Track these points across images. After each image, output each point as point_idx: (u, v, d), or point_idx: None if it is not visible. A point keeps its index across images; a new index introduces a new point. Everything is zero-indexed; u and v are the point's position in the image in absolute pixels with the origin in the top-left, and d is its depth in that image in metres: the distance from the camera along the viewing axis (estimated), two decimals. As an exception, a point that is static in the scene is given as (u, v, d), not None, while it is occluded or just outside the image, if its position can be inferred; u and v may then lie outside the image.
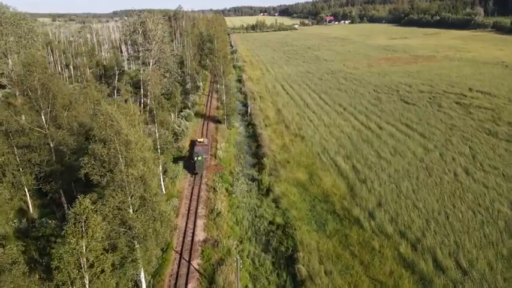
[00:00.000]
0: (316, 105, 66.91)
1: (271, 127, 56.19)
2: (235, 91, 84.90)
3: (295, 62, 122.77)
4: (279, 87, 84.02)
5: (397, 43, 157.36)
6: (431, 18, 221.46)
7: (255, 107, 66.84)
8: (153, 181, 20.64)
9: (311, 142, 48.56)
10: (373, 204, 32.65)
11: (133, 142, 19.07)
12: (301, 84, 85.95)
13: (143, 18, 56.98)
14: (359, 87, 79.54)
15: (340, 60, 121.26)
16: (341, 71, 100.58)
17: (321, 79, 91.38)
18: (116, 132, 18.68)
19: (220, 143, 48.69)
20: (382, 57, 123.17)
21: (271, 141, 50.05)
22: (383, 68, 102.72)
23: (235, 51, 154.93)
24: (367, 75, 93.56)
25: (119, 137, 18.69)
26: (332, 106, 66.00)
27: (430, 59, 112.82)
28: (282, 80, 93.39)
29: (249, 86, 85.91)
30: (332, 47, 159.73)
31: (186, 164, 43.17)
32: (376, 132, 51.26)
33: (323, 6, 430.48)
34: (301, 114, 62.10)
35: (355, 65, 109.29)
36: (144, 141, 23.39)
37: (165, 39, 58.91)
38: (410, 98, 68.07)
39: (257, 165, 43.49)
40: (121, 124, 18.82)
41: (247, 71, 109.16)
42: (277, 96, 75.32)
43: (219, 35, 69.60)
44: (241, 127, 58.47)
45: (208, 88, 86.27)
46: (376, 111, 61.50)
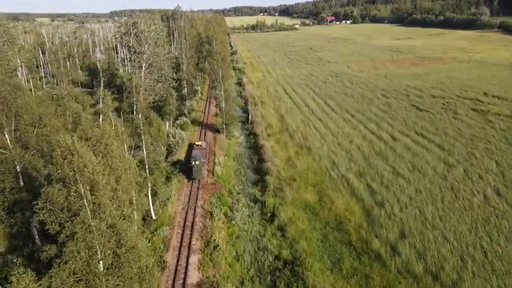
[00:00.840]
0: (321, 112, 62.36)
1: (274, 137, 51.65)
2: (235, 95, 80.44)
3: (297, 63, 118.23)
4: (281, 91, 79.49)
5: (402, 44, 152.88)
6: (435, 18, 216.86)
7: (257, 114, 62.31)
8: (131, 228, 16.10)
9: (319, 155, 44.01)
10: (395, 235, 28.12)
11: (102, 184, 14.52)
12: (304, 88, 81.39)
13: (135, 19, 52.43)
14: (366, 92, 75.00)
15: (343, 61, 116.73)
16: (346, 74, 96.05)
17: (325, 82, 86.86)
18: (78, 170, 14.17)
19: (218, 157, 44.15)
20: (387, 58, 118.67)
21: (274, 153, 45.52)
22: (389, 70, 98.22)
23: (235, 52, 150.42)
24: (373, 78, 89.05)
25: (82, 176, 14.18)
26: (339, 113, 61.46)
27: (437, 61, 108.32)
28: (284, 83, 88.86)
29: (249, 90, 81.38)
30: (334, 47, 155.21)
31: (183, 169, 41.12)
32: (390, 143, 46.72)
33: (324, 6, 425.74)
34: (306, 121, 57.56)
35: (360, 67, 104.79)
36: (122, 172, 18.91)
37: (160, 41, 54.35)
38: (422, 104, 63.53)
39: (260, 183, 38.93)
40: (85, 160, 14.28)
41: (248, 73, 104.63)
42: (280, 101, 70.79)
43: (218, 36, 64.99)
44: (242, 136, 53.93)
45: (207, 92, 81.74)
46: (387, 118, 56.97)
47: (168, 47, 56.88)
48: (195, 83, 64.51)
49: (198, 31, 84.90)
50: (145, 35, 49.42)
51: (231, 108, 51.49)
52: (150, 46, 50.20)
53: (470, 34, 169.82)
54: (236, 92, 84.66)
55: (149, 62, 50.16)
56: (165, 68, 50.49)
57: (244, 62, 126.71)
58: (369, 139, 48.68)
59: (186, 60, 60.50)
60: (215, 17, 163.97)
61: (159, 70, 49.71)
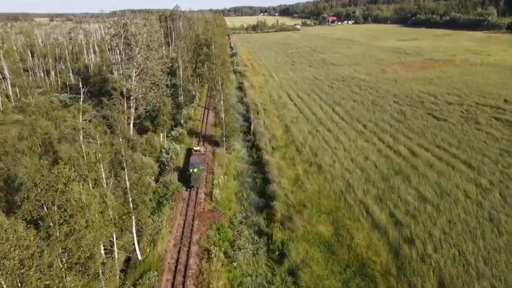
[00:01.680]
0: (330, 121, 57.24)
1: (280, 151, 46.53)
2: (236, 101, 75.41)
3: (301, 66, 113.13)
4: (285, 97, 74.37)
5: (408, 45, 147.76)
6: (440, 19, 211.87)
7: (259, 123, 57.21)
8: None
9: (331, 174, 38.90)
10: (432, 284, 23.03)
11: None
12: (310, 94, 76.29)
13: (125, 20, 47.38)
14: (376, 98, 69.88)
15: (349, 64, 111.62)
16: (352, 78, 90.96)
17: (331, 87, 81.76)
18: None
19: (217, 176, 39.05)
20: (394, 61, 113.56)
21: (280, 171, 40.40)
22: (398, 73, 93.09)
23: (235, 53, 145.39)
24: (382, 82, 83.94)
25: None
26: (349, 122, 56.33)
27: (448, 64, 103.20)
28: (288, 87, 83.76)
29: (251, 96, 76.26)
30: (338, 49, 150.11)
31: (181, 176, 38.89)
32: (410, 160, 41.60)
33: (325, 6, 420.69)
34: (313, 133, 52.45)
35: (367, 70, 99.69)
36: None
37: (153, 43, 49.29)
38: (439, 112, 58.42)
39: (265, 210, 33.81)
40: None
41: (249, 76, 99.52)
42: (284, 109, 65.66)
43: (218, 38, 60.00)
44: (244, 150, 48.79)
45: (206, 98, 76.64)
46: (403, 129, 51.85)
47: (162, 51, 51.72)
48: (192, 90, 59.44)
49: (197, 33, 79.83)
50: (137, 38, 44.34)
51: (231, 119, 46.36)
52: (141, 50, 45.15)
53: (478, 35, 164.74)
54: (237, 97, 79.61)
55: (140, 67, 45.12)
56: (158, 74, 45.40)
57: (245, 64, 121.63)
58: (385, 154, 43.56)
59: (183, 65, 55.35)
60: (214, 17, 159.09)
61: (152, 76, 44.63)
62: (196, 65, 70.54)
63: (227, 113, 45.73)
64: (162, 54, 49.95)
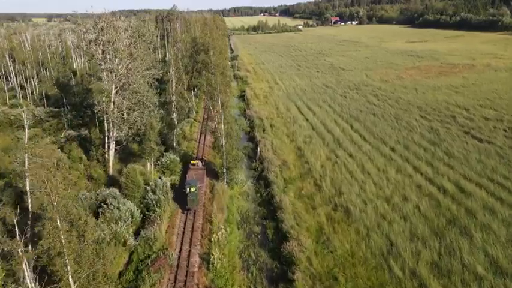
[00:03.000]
0: (350, 142, 48.24)
1: (294, 185, 37.54)
2: (238, 113, 66.47)
3: (307, 71, 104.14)
4: (294, 110, 65.34)
5: (420, 48, 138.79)
6: (450, 19, 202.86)
7: (266, 144, 48.22)
8: None
9: (364, 224, 29.92)
10: None
11: None
12: (321, 105, 67.27)
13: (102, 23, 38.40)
14: (399, 111, 60.93)
15: (360, 69, 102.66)
16: (367, 85, 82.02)
17: (344, 96, 72.77)
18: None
19: (216, 226, 30.08)
20: (409, 65, 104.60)
21: (297, 218, 31.45)
22: (417, 80, 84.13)
23: (235, 56, 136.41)
24: (401, 91, 74.99)
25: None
26: (373, 144, 47.34)
27: (469, 69, 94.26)
28: (295, 97, 74.78)
29: (255, 107, 67.23)
30: (345, 52, 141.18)
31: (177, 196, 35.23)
32: (461, 201, 32.62)
33: (327, 6, 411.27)
34: (332, 158, 43.47)
35: (381, 76, 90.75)
36: None
37: (138, 51, 40.28)
38: (478, 131, 49.47)
39: (281, 283, 24.81)
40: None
41: (252, 83, 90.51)
42: (294, 125, 56.65)
43: (217, 43, 51.18)
44: (249, 182, 39.78)
45: (203, 110, 67.52)
46: (440, 154, 42.85)
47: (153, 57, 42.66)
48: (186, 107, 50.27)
49: (194, 35, 70.84)
50: (115, 46, 35.25)
51: (233, 146, 37.33)
52: (123, 61, 36.06)
53: (494, 37, 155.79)
54: (239, 109, 70.60)
55: (121, 82, 36.03)
56: (144, 90, 36.35)
57: (247, 69, 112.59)
58: (427, 192, 34.58)
59: (176, 76, 46.26)
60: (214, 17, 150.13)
61: (135, 94, 35.58)
62: (192, 74, 61.54)
63: (229, 138, 36.70)
64: (149, 65, 40.91)
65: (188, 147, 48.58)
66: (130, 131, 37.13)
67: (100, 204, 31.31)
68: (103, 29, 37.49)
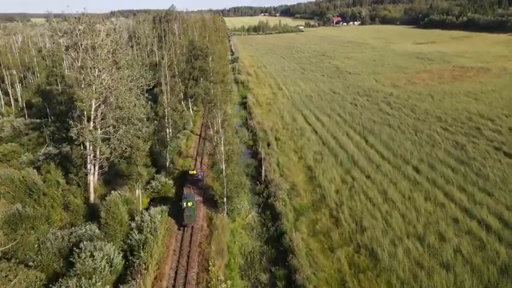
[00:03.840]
0: (367, 161, 42.57)
1: (307, 217, 31.92)
2: (239, 124, 60.90)
3: (312, 75, 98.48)
4: (300, 120, 59.67)
5: (428, 49, 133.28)
6: (456, 20, 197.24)
7: (272, 162, 42.62)
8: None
9: (396, 276, 24.26)
10: None
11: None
12: (330, 114, 61.62)
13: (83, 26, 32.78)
14: (416, 122, 55.31)
15: (367, 73, 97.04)
16: (377, 91, 76.41)
17: (354, 104, 67.13)
18: None
19: (214, 272, 24.46)
20: (419, 69, 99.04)
21: (313, 264, 25.87)
22: (431, 86, 78.54)
23: (236, 59, 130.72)
24: (415, 98, 69.37)
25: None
26: (393, 162, 41.70)
27: (484, 73, 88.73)
28: (301, 104, 69.11)
29: (257, 117, 61.59)
30: (350, 53, 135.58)
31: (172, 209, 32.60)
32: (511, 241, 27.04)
33: (328, 6, 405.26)
34: (348, 181, 37.84)
35: (391, 81, 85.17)
36: None
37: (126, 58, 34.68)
38: (510, 147, 43.85)
39: None
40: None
41: (254, 88, 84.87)
42: (302, 138, 50.99)
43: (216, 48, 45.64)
44: (253, 211, 34.14)
45: (201, 119, 61.82)
46: (473, 176, 37.20)
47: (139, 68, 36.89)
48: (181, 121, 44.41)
49: (191, 38, 65.18)
50: (96, 54, 29.58)
51: (236, 172, 31.69)
52: (104, 71, 30.38)
53: (504, 38, 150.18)
54: (240, 118, 64.89)
55: (102, 96, 30.38)
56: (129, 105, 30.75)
57: (248, 72, 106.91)
58: (466, 228, 28.94)
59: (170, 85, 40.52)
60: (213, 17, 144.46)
61: (118, 109, 29.95)
62: (189, 81, 55.85)
63: (230, 163, 31.04)
64: (138, 74, 35.29)
65: (184, 166, 42.91)
66: (114, 153, 31.53)
67: (73, 246, 25.69)
68: (83, 33, 31.88)
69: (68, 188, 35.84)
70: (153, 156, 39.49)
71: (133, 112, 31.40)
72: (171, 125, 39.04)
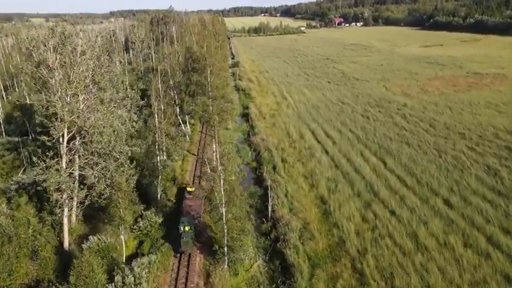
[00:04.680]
0: (388, 190, 37.03)
1: (325, 271, 26.36)
2: (241, 140, 55.45)
3: (318, 81, 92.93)
4: (308, 136, 54.12)
5: (436, 53, 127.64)
6: (463, 21, 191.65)
7: (279, 192, 37.15)
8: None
9: None
10: None
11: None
12: (341, 129, 56.08)
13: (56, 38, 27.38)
14: (438, 139, 49.78)
15: (376, 79, 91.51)
16: (389, 101, 70.88)
17: (366, 117, 61.58)
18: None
19: None
20: (430, 75, 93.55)
21: None
22: (446, 95, 73.03)
23: (237, 63, 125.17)
24: (432, 109, 63.86)
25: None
26: (419, 193, 36.18)
27: (501, 80, 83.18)
28: (308, 117, 63.54)
29: (261, 131, 56.13)
30: (355, 57, 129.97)
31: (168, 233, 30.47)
32: None
33: (329, 7, 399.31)
34: (370, 219, 32.32)
35: (403, 89, 79.69)
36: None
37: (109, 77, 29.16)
38: (552, 173, 38.39)
39: None
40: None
41: (256, 97, 79.41)
42: (312, 160, 45.42)
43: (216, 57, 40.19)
44: (259, 259, 28.60)
45: (199, 136, 56.24)
46: (516, 213, 31.76)
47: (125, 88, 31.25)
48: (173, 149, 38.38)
49: (189, 45, 59.62)
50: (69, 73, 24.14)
51: (238, 216, 26.12)
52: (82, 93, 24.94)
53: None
54: (242, 132, 59.34)
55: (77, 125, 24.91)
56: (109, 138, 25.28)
57: (249, 78, 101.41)
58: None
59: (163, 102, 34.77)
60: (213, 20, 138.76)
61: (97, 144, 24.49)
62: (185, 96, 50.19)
63: (231, 206, 25.50)
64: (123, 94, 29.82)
65: (178, 196, 37.39)
66: (91, 194, 26.06)
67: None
68: (53, 48, 26.42)
69: (39, 230, 30.34)
70: (142, 189, 33.97)
71: (116, 145, 25.88)
72: (163, 152, 33.48)
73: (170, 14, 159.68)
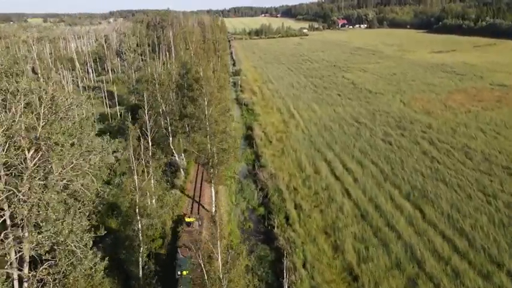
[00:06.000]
0: (436, 260, 28.85)
1: None
2: (245, 170, 47.49)
3: (327, 94, 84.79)
4: (324, 169, 45.79)
5: (450, 60, 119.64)
6: (474, 25, 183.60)
7: (296, 260, 29.10)
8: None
9: None
10: None
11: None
12: (361, 161, 47.80)
13: None
14: (480, 176, 41.68)
15: (391, 92, 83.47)
16: (410, 120, 62.80)
17: (388, 142, 53.47)
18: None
19: None
20: (450, 86, 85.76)
21: None
22: (474, 112, 65.07)
23: (238, 71, 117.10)
24: (462, 132, 55.81)
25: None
26: (476, 264, 28.09)
27: (531, 94, 75.19)
28: (321, 142, 55.35)
29: (268, 163, 47.99)
30: (364, 64, 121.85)
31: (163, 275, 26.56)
32: None
33: (332, 8, 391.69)
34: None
35: (423, 105, 71.72)
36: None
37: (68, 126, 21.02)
38: None
39: None
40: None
41: (260, 114, 71.32)
42: (331, 205, 37.21)
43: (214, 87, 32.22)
44: None
45: (195, 168, 48.04)
46: None
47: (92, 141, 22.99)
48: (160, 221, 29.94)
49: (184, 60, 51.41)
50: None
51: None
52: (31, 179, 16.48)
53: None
54: (246, 161, 51.21)
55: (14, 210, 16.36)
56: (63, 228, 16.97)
57: (252, 89, 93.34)
58: None
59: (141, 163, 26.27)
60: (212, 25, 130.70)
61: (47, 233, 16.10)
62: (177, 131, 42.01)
63: None
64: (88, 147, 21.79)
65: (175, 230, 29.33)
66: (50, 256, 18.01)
67: None
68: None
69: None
70: (118, 263, 25.86)
71: (74, 236, 17.78)
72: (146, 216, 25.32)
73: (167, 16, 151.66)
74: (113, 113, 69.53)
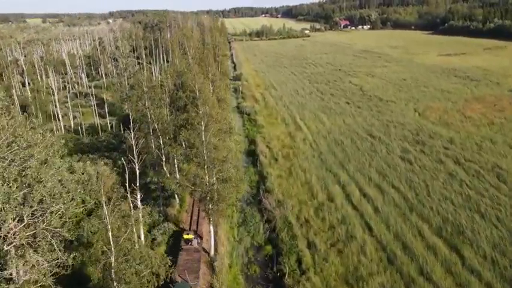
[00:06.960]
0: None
1: None
2: (248, 196, 41.85)
3: (335, 102, 79.16)
4: (339, 195, 40.11)
5: (460, 63, 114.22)
6: (482, 26, 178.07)
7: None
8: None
9: None
10: None
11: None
12: (380, 184, 42.14)
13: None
14: (520, 206, 36.11)
15: (404, 99, 77.95)
16: (429, 134, 57.25)
17: (408, 161, 47.81)
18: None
19: None
20: (464, 92, 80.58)
21: None
22: (497, 124, 59.76)
23: (239, 76, 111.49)
24: (488, 148, 50.35)
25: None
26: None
27: (556, 103, 69.70)
28: (332, 160, 49.68)
29: (275, 187, 42.39)
30: (371, 68, 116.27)
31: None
32: None
33: (333, 8, 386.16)
34: None
35: (440, 114, 66.29)
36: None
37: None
38: None
39: None
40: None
41: (264, 125, 65.77)
42: (350, 245, 31.59)
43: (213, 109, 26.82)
44: None
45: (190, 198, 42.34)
46: None
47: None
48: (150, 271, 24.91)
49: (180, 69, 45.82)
50: None
51: None
52: None
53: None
54: (249, 183, 45.44)
55: None
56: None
57: (254, 96, 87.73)
58: None
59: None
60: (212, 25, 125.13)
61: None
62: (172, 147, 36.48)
63: None
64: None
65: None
66: None
67: None
68: None
69: None
70: None
71: None
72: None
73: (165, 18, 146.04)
74: (104, 124, 63.93)
